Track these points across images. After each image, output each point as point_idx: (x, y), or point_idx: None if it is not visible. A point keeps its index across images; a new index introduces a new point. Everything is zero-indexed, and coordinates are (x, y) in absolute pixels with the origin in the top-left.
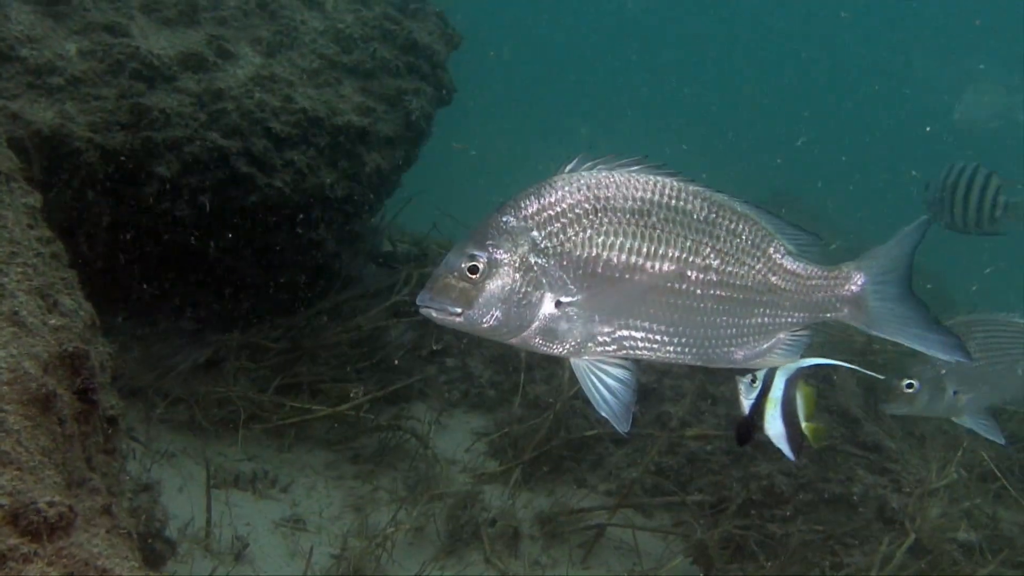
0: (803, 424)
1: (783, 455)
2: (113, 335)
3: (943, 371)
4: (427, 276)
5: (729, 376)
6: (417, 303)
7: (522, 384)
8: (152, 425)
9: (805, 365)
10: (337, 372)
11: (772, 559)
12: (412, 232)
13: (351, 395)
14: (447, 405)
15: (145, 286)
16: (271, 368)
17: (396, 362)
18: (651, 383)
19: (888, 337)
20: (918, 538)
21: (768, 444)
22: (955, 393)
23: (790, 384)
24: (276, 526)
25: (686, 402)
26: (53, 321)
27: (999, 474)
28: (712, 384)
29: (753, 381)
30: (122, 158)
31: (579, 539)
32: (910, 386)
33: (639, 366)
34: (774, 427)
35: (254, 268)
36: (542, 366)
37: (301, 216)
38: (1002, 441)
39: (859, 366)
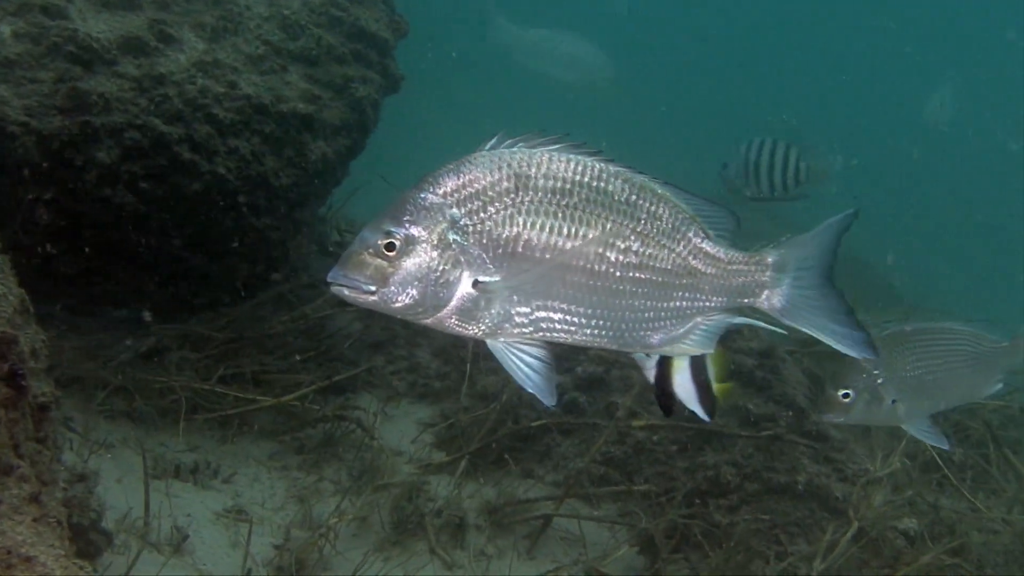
0: (713, 385)
1: (697, 417)
2: (51, 324)
3: (880, 380)
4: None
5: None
6: (328, 279)
7: (469, 374)
8: (91, 415)
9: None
10: (282, 362)
11: (717, 548)
12: (360, 221)
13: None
14: (393, 395)
15: (85, 274)
16: (214, 358)
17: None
18: (599, 373)
19: (800, 327)
20: (861, 526)
21: (715, 434)
22: (893, 402)
23: None
24: (217, 517)
25: (634, 392)
26: None
27: (941, 463)
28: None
29: None
30: (60, 143)
31: (525, 530)
32: (846, 395)
33: (559, 348)
34: (684, 389)
35: (197, 256)
36: (490, 357)
37: (245, 204)
38: (946, 447)
39: (804, 357)
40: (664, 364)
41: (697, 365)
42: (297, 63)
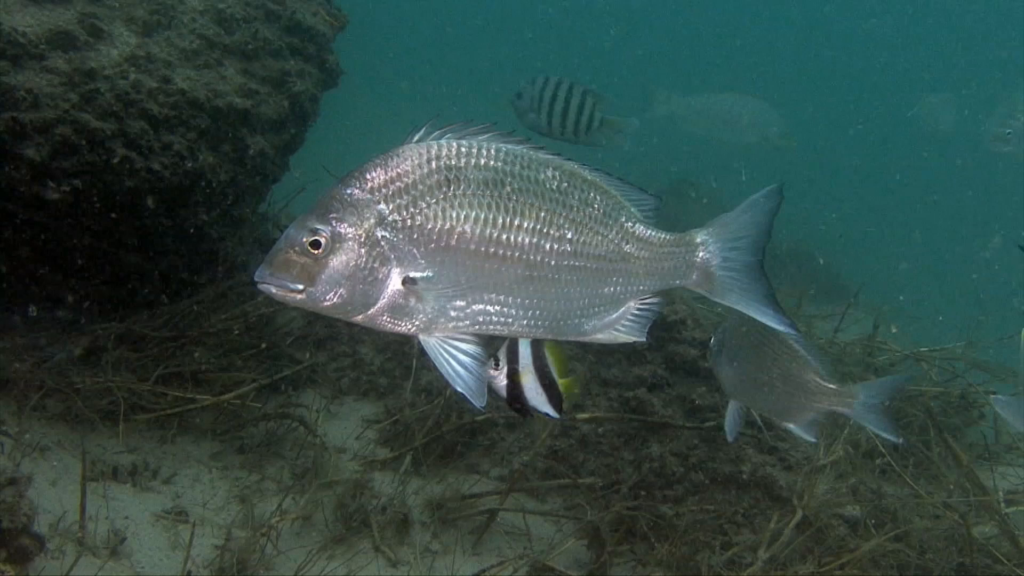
0: (558, 382)
1: (547, 416)
2: None
3: (712, 340)
4: None
5: (619, 359)
6: (255, 279)
7: (414, 370)
8: (24, 418)
9: None
10: (223, 360)
11: (663, 540)
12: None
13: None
14: (337, 393)
15: (16, 274)
16: (153, 357)
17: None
18: None
19: (729, 305)
20: (805, 515)
21: (660, 425)
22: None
23: (536, 346)
24: (157, 519)
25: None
26: None
27: (884, 450)
28: (604, 367)
29: (496, 363)
30: None
31: (470, 525)
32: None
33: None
34: (534, 395)
35: (133, 254)
36: None
37: (182, 201)
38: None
39: None
40: (513, 373)
41: (541, 366)
42: (233, 57)
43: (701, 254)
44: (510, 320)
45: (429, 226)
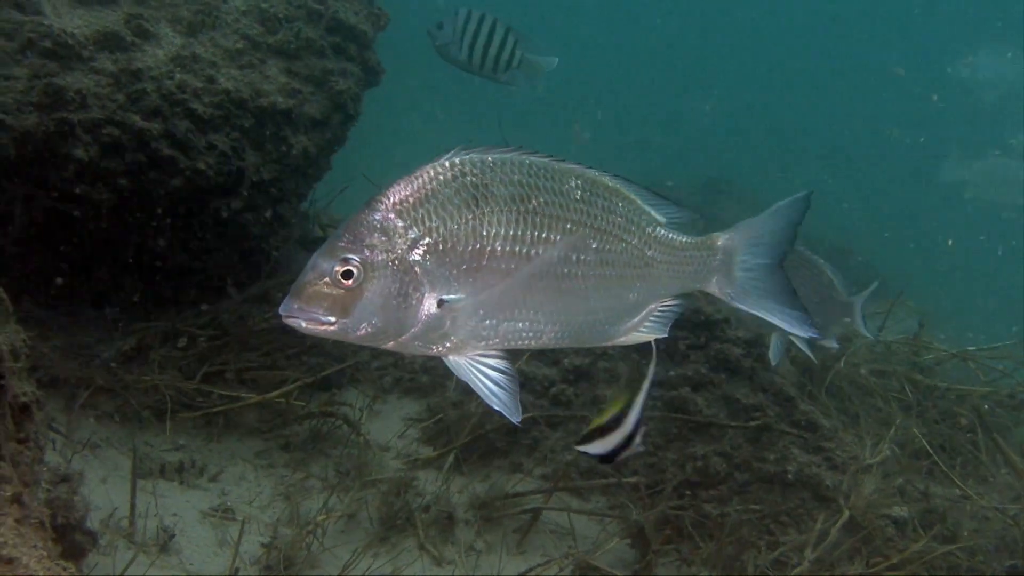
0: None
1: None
2: (33, 324)
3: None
4: None
5: (662, 358)
6: (281, 312)
7: None
8: (74, 415)
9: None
10: (267, 359)
11: (708, 539)
12: (342, 217)
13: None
14: (380, 391)
15: (65, 273)
16: (198, 356)
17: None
18: (585, 366)
19: (748, 310)
20: (852, 515)
21: (704, 424)
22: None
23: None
24: (204, 516)
25: (620, 384)
26: None
27: (931, 450)
28: (647, 366)
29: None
30: (36, 141)
31: (514, 524)
32: None
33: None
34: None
35: (179, 253)
36: None
37: (226, 200)
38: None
39: (791, 345)
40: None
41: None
42: (276, 57)
43: (720, 257)
44: (539, 334)
45: (460, 247)
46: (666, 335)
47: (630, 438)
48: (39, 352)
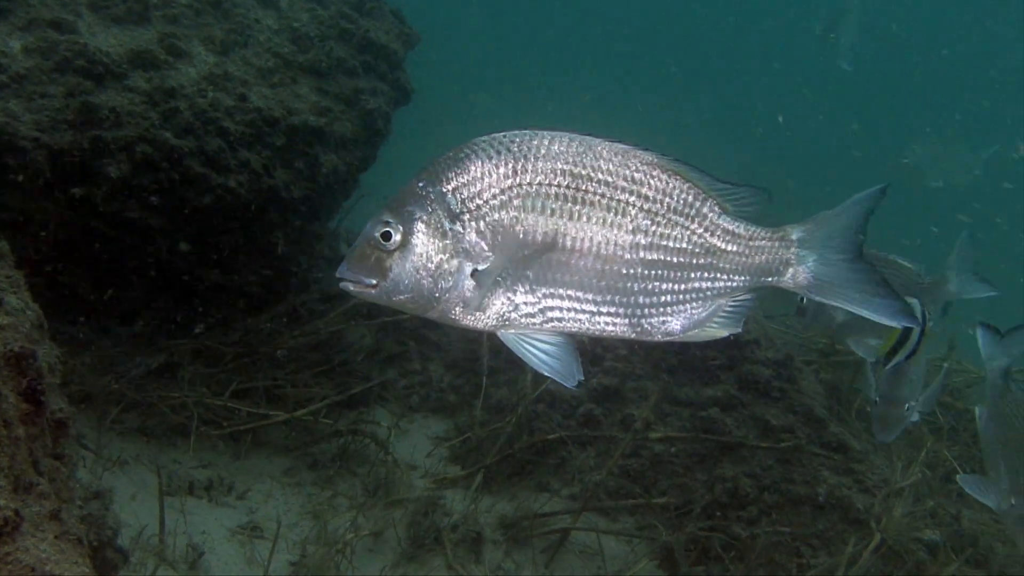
0: None
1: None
2: (63, 340)
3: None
4: None
5: (691, 378)
6: (336, 276)
7: (483, 387)
8: (104, 432)
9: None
10: (295, 376)
11: (738, 561)
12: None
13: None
14: (407, 410)
15: (96, 290)
16: (227, 373)
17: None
18: (614, 385)
19: (831, 302)
20: (883, 538)
21: (733, 445)
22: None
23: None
24: (232, 534)
25: (650, 404)
26: None
27: (962, 473)
28: (676, 387)
29: None
30: (70, 158)
31: (543, 543)
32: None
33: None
34: None
35: (209, 271)
36: (503, 370)
37: (256, 218)
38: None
39: (821, 367)
40: None
41: None
42: (307, 75)
43: (796, 250)
44: (584, 317)
45: (495, 217)
46: (740, 331)
47: None
48: (69, 368)
